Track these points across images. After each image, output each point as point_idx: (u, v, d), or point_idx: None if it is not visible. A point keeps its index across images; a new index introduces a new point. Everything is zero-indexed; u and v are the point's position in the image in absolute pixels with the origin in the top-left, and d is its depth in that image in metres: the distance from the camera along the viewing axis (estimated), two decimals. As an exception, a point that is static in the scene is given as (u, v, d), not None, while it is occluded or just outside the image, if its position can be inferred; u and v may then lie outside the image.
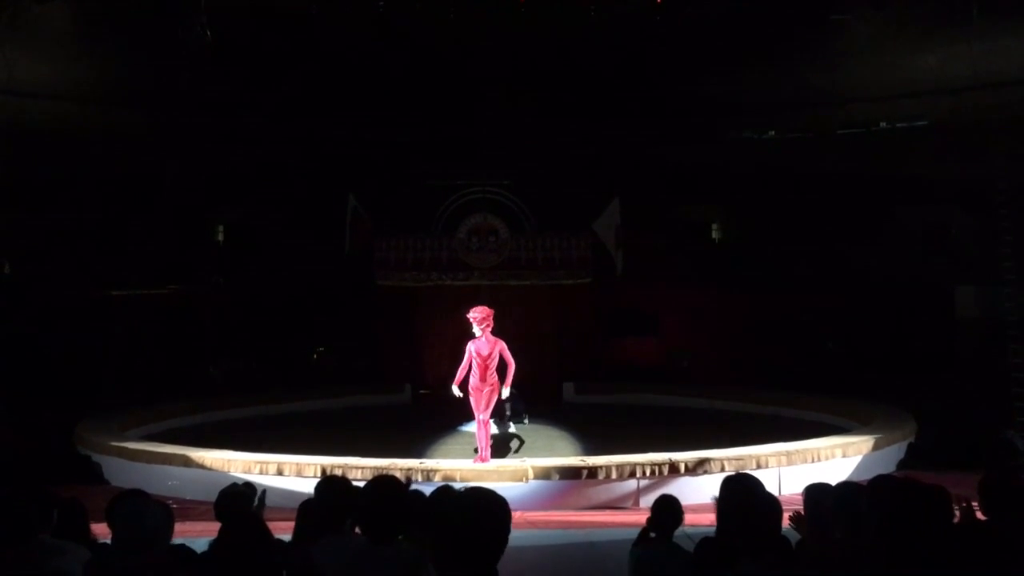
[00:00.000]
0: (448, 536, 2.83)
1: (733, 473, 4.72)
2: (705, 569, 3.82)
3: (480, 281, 16.97)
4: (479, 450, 10.55)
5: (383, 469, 9.33)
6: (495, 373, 10.59)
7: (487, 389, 10.55)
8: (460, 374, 10.64)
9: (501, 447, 11.64)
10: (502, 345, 10.58)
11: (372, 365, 17.70)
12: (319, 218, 16.77)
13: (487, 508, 2.82)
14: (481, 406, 10.51)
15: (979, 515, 4.35)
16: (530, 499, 9.55)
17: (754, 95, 14.42)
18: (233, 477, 9.31)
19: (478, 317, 10.59)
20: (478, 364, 10.51)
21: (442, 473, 9.59)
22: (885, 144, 14.15)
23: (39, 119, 12.89)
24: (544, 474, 9.81)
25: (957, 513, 4.18)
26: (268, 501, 5.07)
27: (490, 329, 10.61)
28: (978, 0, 10.75)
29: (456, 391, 10.74)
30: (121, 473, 10.88)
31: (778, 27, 12.41)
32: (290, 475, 9.76)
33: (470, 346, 10.61)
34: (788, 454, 10.32)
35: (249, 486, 4.72)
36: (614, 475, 9.77)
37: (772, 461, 10.12)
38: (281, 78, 14.02)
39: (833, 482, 4.33)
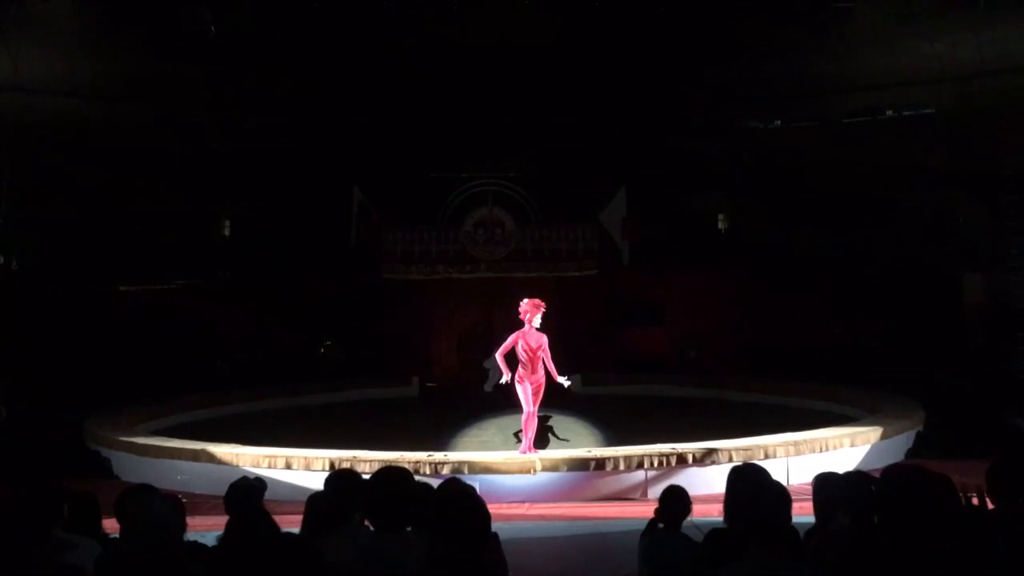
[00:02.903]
0: (433, 525, 2.89)
1: (741, 463, 4.72)
2: (714, 559, 3.82)
3: (487, 274, 16.99)
4: (523, 441, 10.51)
5: (391, 462, 9.35)
6: (543, 366, 10.55)
7: (536, 383, 10.49)
8: (503, 351, 10.54)
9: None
10: (545, 340, 10.54)
11: (379, 358, 17.72)
12: (325, 212, 16.80)
13: (453, 497, 2.86)
14: (530, 399, 10.46)
15: (988, 503, 4.35)
16: (538, 491, 9.55)
17: (759, 84, 14.37)
18: (242, 471, 9.32)
19: (530, 313, 10.50)
20: (528, 356, 10.44)
21: (450, 466, 9.60)
22: (891, 132, 14.11)
23: (45, 115, 12.92)
24: (552, 466, 9.82)
25: (965, 499, 4.18)
26: (277, 495, 5.09)
27: (538, 321, 10.52)
28: (984, -14, 10.71)
29: (502, 366, 10.59)
30: (130, 468, 10.92)
31: (783, 15, 12.36)
32: (298, 468, 9.78)
33: (517, 335, 10.49)
34: (796, 444, 10.30)
35: (260, 480, 4.73)
36: (622, 466, 9.77)
37: (780, 451, 10.10)
38: (286, 71, 14.02)
39: (841, 472, 4.33)
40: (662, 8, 12.20)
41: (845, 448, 10.56)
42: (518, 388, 10.53)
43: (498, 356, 10.59)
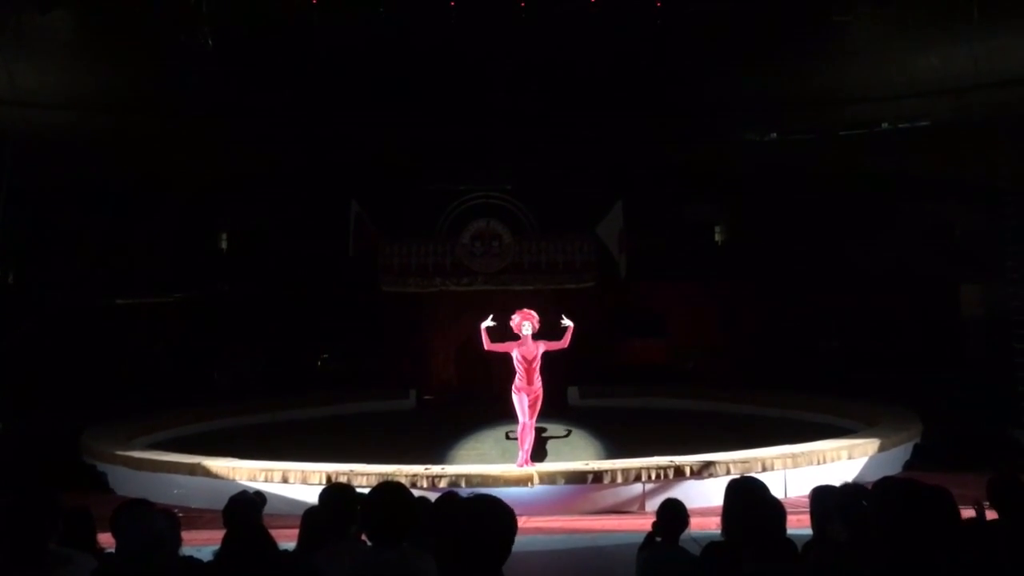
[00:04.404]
0: (452, 542, 2.84)
1: (738, 476, 4.72)
2: (711, 573, 3.81)
3: (484, 286, 16.98)
4: (520, 454, 10.50)
5: (388, 476, 9.33)
6: (540, 377, 10.53)
7: (533, 394, 10.48)
8: (496, 346, 10.52)
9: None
10: (544, 344, 10.52)
11: (377, 371, 17.70)
12: (323, 224, 16.79)
13: (491, 515, 2.83)
14: (526, 411, 10.44)
15: (990, 515, 4.36)
16: (536, 504, 9.53)
17: (756, 96, 14.41)
18: (238, 485, 9.30)
19: (518, 321, 10.51)
20: (523, 367, 10.43)
21: (448, 478, 9.58)
22: (888, 144, 14.14)
23: (43, 127, 12.92)
24: (550, 479, 9.80)
25: (973, 512, 4.19)
26: (273, 509, 5.07)
27: (533, 332, 10.51)
28: (979, -1, 10.76)
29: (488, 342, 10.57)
30: (127, 482, 10.89)
31: (780, 27, 12.40)
32: (295, 482, 9.76)
33: (512, 345, 10.50)
34: (794, 456, 10.29)
35: (259, 494, 4.72)
36: (619, 479, 9.75)
37: (778, 463, 10.10)
38: (283, 83, 14.03)
39: (839, 484, 4.32)
40: (659, 21, 12.25)
41: (843, 460, 10.56)
42: (515, 399, 10.52)
43: (487, 346, 10.59)
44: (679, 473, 9.78)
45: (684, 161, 16.22)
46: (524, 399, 10.41)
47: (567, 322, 10.60)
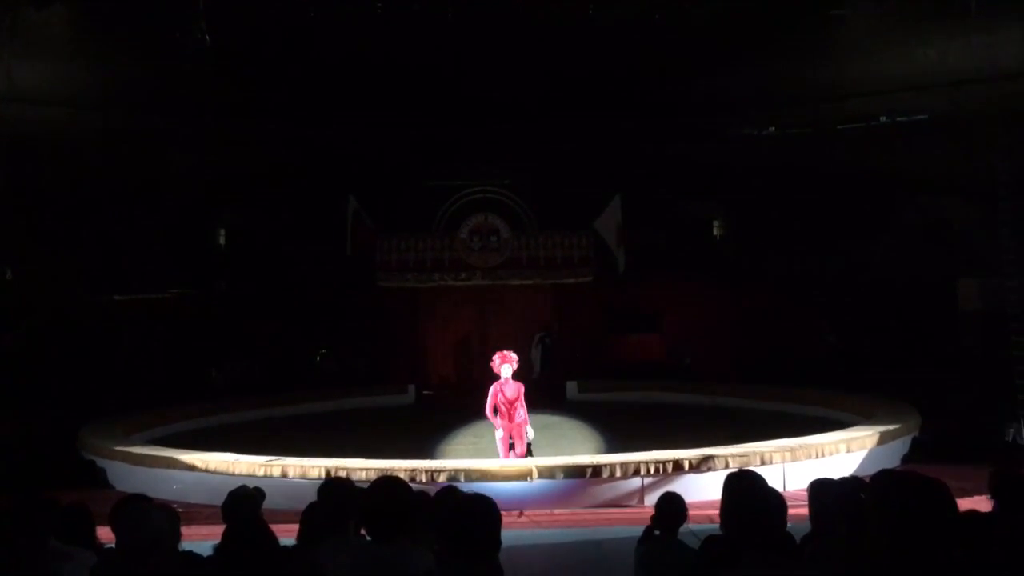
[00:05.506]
0: (443, 536, 2.87)
1: (737, 470, 4.73)
2: (710, 566, 3.81)
3: (482, 281, 16.98)
4: (516, 448, 10.58)
5: (387, 470, 9.33)
6: (521, 412, 10.60)
7: (515, 428, 10.56)
8: (490, 408, 10.61)
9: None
10: (522, 389, 10.59)
11: (375, 366, 17.71)
12: (320, 220, 16.79)
13: (474, 511, 2.85)
14: (507, 449, 10.54)
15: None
16: (535, 498, 9.53)
17: (754, 91, 14.41)
18: (237, 480, 9.29)
19: (498, 363, 10.58)
20: (504, 407, 10.51)
21: (447, 473, 9.58)
22: (885, 138, 14.13)
23: (40, 125, 12.91)
24: (549, 473, 9.79)
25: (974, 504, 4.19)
26: (273, 504, 5.07)
27: (513, 372, 10.59)
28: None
29: (496, 421, 10.66)
30: (125, 477, 10.88)
31: (777, 23, 12.40)
32: (294, 477, 9.75)
33: (495, 388, 10.56)
34: (792, 450, 10.29)
35: (258, 490, 4.71)
36: (618, 473, 9.75)
37: (776, 457, 10.09)
38: (280, 81, 14.03)
39: (837, 478, 4.33)
40: (656, 17, 12.24)
41: (841, 454, 10.56)
42: (497, 440, 10.65)
43: (488, 413, 10.62)
44: (678, 467, 9.78)
45: (681, 156, 16.22)
46: (504, 436, 10.53)
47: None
